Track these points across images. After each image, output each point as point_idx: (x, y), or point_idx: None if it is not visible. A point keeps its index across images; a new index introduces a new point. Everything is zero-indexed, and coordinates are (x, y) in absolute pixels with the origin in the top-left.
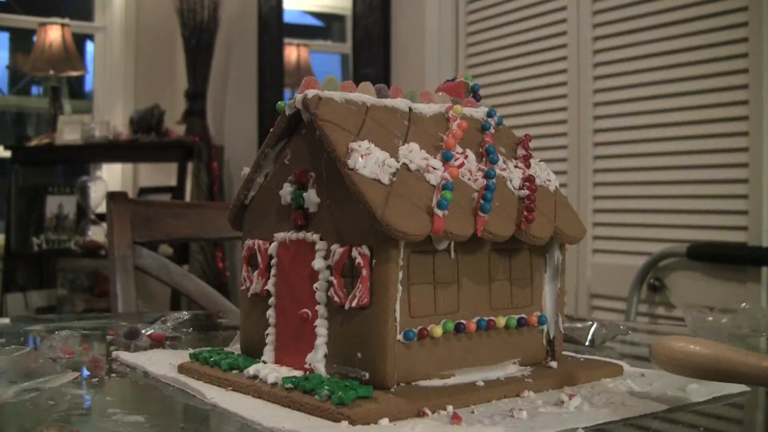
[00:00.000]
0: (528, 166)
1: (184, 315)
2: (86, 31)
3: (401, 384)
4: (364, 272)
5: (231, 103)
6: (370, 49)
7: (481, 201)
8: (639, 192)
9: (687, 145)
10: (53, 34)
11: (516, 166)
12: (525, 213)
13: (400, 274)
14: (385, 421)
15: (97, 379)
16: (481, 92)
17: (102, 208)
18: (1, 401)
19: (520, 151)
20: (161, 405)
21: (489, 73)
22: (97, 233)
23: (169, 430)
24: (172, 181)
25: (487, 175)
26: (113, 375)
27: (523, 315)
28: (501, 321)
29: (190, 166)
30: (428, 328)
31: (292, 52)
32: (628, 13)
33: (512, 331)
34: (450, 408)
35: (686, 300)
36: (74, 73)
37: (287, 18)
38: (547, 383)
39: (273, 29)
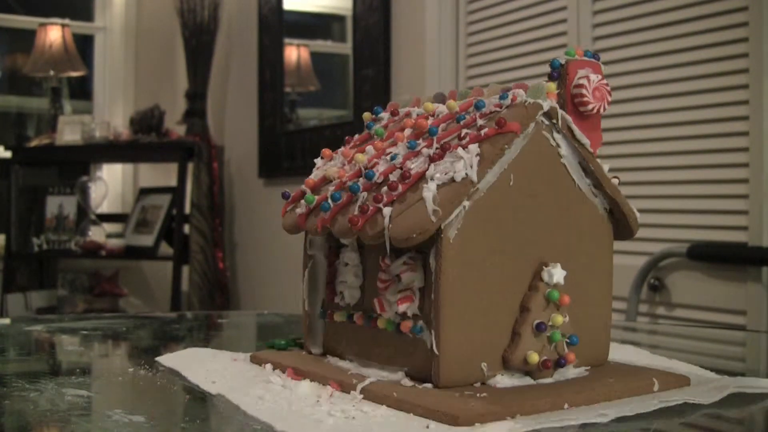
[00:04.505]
0: (433, 159)
1: None
2: (86, 32)
3: (328, 355)
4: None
5: (231, 103)
6: (370, 50)
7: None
8: (639, 192)
9: (687, 145)
10: (53, 34)
11: (430, 156)
12: (356, 212)
13: (311, 263)
14: (269, 367)
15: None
16: None
17: (102, 209)
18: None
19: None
20: (161, 405)
21: (489, 73)
22: (97, 233)
23: (169, 430)
24: (173, 182)
25: (367, 176)
26: (118, 377)
27: (399, 321)
28: (381, 322)
29: (190, 167)
30: (332, 313)
31: (292, 52)
32: (628, 13)
33: (394, 335)
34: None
35: (687, 300)
36: (74, 74)
37: (287, 18)
38: (383, 398)
39: (273, 29)
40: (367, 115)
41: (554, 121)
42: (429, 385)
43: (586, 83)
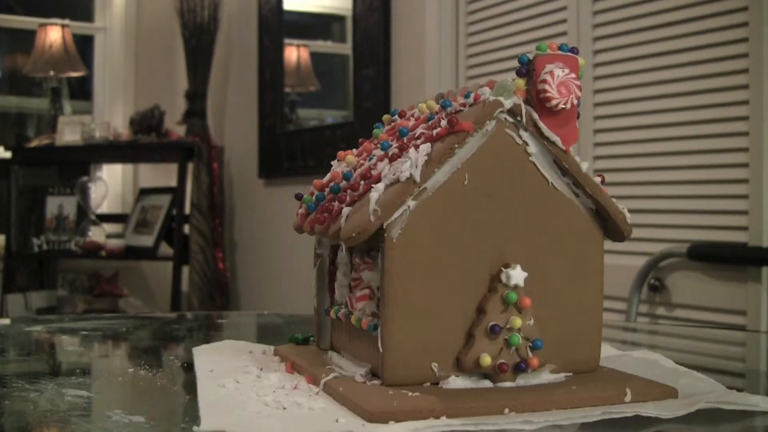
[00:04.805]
0: (392, 159)
1: None
2: (86, 32)
3: (333, 348)
4: None
5: (231, 104)
6: (370, 50)
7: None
8: (639, 192)
9: (687, 145)
10: (53, 34)
11: (390, 157)
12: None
13: (319, 262)
14: (278, 357)
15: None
16: None
17: (102, 209)
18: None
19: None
20: (161, 405)
21: (489, 73)
22: (97, 234)
23: (169, 430)
24: (173, 182)
25: (345, 177)
26: (118, 377)
27: (363, 318)
28: (353, 319)
29: (190, 167)
30: (329, 309)
31: (292, 53)
32: (628, 13)
33: (363, 332)
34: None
35: (687, 300)
36: (74, 74)
37: (287, 18)
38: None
39: (273, 29)
40: (386, 117)
41: (519, 118)
42: (377, 382)
43: (549, 78)
